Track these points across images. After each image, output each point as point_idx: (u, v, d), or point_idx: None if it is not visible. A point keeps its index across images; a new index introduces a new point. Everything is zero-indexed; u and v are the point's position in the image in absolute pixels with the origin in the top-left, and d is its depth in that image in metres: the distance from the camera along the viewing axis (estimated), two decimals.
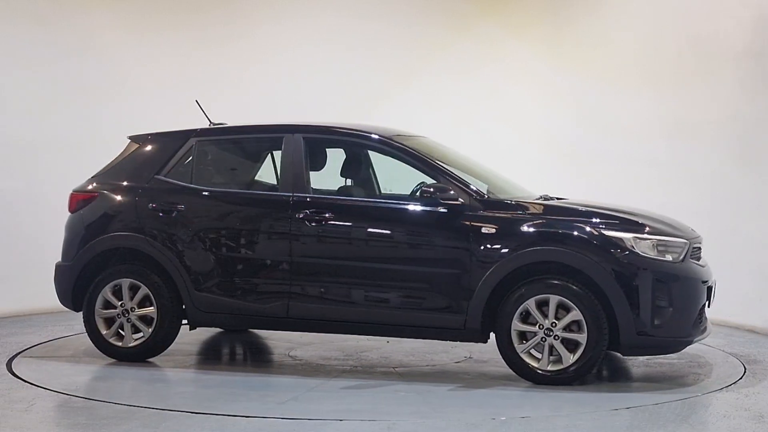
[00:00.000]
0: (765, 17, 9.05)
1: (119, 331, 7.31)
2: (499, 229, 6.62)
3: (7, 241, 9.69)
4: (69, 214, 7.66)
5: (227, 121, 7.85)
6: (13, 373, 6.91)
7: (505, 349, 6.61)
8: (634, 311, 6.41)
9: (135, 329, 7.26)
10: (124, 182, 7.46)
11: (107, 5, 10.39)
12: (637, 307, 6.41)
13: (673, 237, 6.66)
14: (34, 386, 6.50)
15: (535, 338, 6.54)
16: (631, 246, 6.47)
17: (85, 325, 7.40)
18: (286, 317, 6.99)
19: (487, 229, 6.62)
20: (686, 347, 6.75)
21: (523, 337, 6.58)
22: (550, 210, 6.76)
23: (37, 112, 9.88)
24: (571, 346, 6.49)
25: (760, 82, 9.07)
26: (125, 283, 7.26)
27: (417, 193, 6.87)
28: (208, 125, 7.68)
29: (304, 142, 7.13)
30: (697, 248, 6.85)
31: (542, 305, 6.54)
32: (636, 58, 10.17)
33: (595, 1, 10.79)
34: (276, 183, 7.45)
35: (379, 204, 7.10)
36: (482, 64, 11.34)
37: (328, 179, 7.40)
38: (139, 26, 10.50)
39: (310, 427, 5.56)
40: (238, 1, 11.03)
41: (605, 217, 6.65)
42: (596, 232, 6.52)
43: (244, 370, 7.44)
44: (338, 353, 7.74)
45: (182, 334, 7.56)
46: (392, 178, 7.11)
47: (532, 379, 6.57)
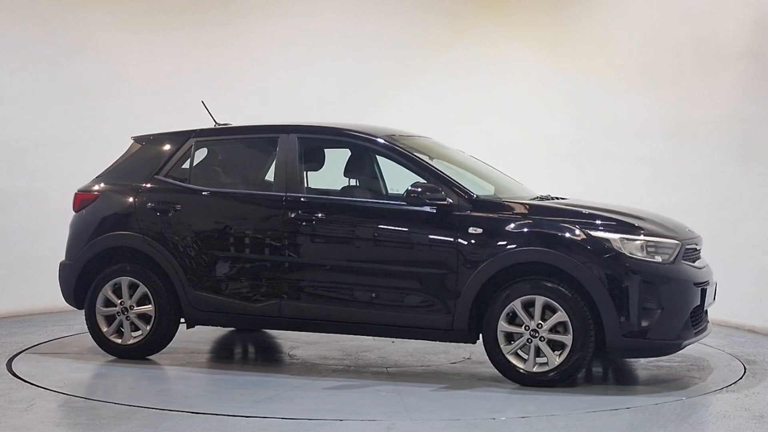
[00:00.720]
0: (765, 17, 9.05)
1: (120, 328, 7.40)
2: (485, 230, 6.58)
3: (7, 241, 9.68)
4: (73, 213, 7.76)
5: (231, 122, 7.88)
6: (13, 373, 6.91)
7: (492, 350, 6.57)
8: (619, 313, 6.32)
9: (134, 327, 7.36)
10: (125, 182, 7.54)
11: (107, 5, 10.39)
12: (624, 308, 6.32)
13: (664, 238, 6.56)
14: (34, 386, 6.50)
15: (521, 339, 6.49)
16: (618, 247, 6.38)
17: (86, 323, 7.49)
18: (279, 316, 7.03)
19: (474, 229, 6.59)
20: (678, 350, 6.65)
21: (511, 338, 6.53)
22: (539, 210, 6.69)
23: (38, 112, 9.88)
24: (558, 347, 6.43)
25: (760, 82, 9.07)
26: (125, 281, 7.36)
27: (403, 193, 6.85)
28: (214, 125, 7.74)
29: (299, 142, 7.18)
30: (691, 249, 6.76)
31: (529, 306, 6.48)
32: (636, 58, 10.17)
33: (595, 2, 10.79)
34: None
35: (369, 204, 7.07)
36: (482, 64, 11.34)
37: (335, 179, 7.40)
38: (139, 26, 10.50)
39: (310, 427, 5.56)
40: (238, 1, 11.03)
41: (594, 217, 6.58)
42: (582, 232, 6.44)
43: (239, 368, 7.43)
44: (338, 353, 7.74)
45: (190, 332, 7.65)
46: (401, 179, 7.06)
47: (518, 380, 6.51)
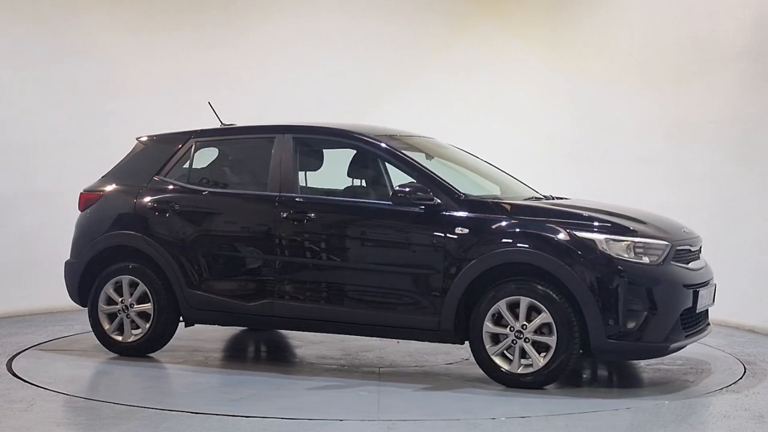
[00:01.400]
0: (765, 17, 9.05)
1: (121, 326, 7.51)
2: (472, 230, 6.56)
3: (7, 241, 9.68)
4: (76, 213, 7.87)
5: (234, 122, 7.91)
6: (13, 373, 6.91)
7: (477, 351, 6.54)
8: (603, 314, 6.23)
9: (134, 325, 7.47)
10: (127, 182, 7.65)
11: (108, 5, 10.39)
12: (608, 310, 6.23)
13: (652, 239, 6.47)
14: (34, 386, 6.50)
15: (506, 340, 6.44)
16: (603, 248, 6.30)
17: (89, 320, 7.61)
18: (271, 316, 7.07)
19: (460, 229, 6.57)
20: (666, 353, 6.58)
21: (497, 339, 6.48)
22: (525, 210, 6.63)
23: (37, 112, 9.87)
24: (543, 349, 6.37)
25: (760, 82, 9.08)
26: (125, 279, 7.48)
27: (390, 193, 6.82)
28: (220, 126, 7.81)
29: (294, 142, 7.20)
30: (684, 250, 6.66)
31: (514, 307, 6.43)
32: (636, 58, 10.18)
33: (595, 2, 10.79)
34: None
35: (359, 204, 7.08)
36: (482, 64, 11.35)
37: (340, 180, 7.41)
38: (139, 26, 10.50)
39: (310, 427, 5.56)
40: (239, 1, 11.03)
41: (581, 218, 6.51)
42: (567, 233, 6.37)
43: (231, 366, 7.40)
44: (338, 352, 7.75)
45: (195, 330, 7.75)
46: (407, 179, 7.02)
47: (503, 381, 6.46)
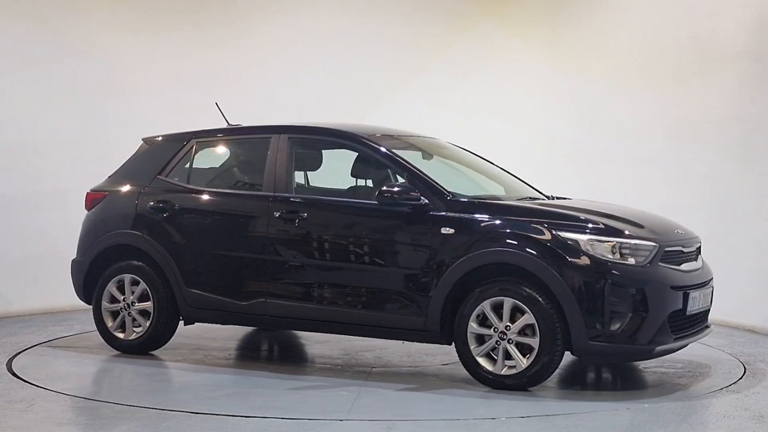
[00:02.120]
0: (765, 17, 9.05)
1: (124, 324, 7.63)
2: (457, 230, 6.53)
3: (7, 241, 9.68)
4: (75, 213, 8.04)
5: (240, 123, 7.94)
6: (13, 373, 6.91)
7: (462, 352, 6.50)
8: (585, 316, 6.15)
9: (136, 323, 7.56)
10: (130, 182, 7.76)
11: (108, 5, 10.38)
12: (590, 311, 6.16)
13: (639, 240, 6.37)
14: (34, 386, 6.51)
15: (490, 341, 6.40)
16: (586, 248, 6.23)
17: (93, 317, 7.71)
18: (264, 315, 7.10)
19: (446, 229, 6.55)
20: (652, 357, 6.51)
21: (482, 340, 6.44)
22: (511, 211, 6.58)
23: (37, 112, 9.87)
24: (527, 350, 6.30)
25: (760, 82, 9.08)
26: (127, 278, 7.60)
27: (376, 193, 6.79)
28: (226, 126, 7.87)
29: (289, 143, 7.25)
30: (675, 252, 6.58)
31: (499, 308, 6.38)
32: (636, 58, 10.18)
33: (595, 2, 10.79)
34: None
35: (350, 204, 7.10)
36: (482, 64, 11.34)
37: (344, 180, 7.42)
38: (139, 26, 10.49)
39: (310, 427, 5.56)
40: (239, 2, 11.03)
41: (567, 218, 6.45)
42: (550, 233, 6.33)
43: (228, 366, 7.39)
44: (338, 352, 7.76)
45: (199, 328, 7.84)
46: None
47: (487, 383, 6.42)
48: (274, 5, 11.10)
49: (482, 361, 6.42)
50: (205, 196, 7.44)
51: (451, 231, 6.53)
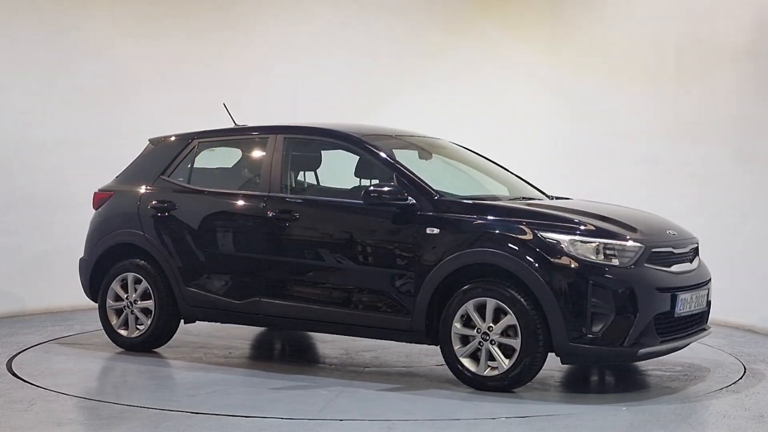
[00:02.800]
0: (765, 17, 9.05)
1: (127, 321, 7.76)
2: (442, 230, 6.51)
3: (7, 241, 9.67)
4: (81, 213, 8.25)
5: (245, 123, 7.95)
6: (13, 373, 6.91)
7: (446, 352, 6.48)
8: (566, 317, 6.09)
9: (139, 321, 7.68)
10: (135, 182, 7.87)
11: (108, 6, 10.38)
12: (571, 313, 6.10)
13: (623, 241, 6.29)
14: (34, 386, 6.51)
15: (473, 342, 6.38)
16: (569, 249, 6.17)
17: (99, 314, 7.85)
18: (258, 314, 7.16)
19: (431, 229, 6.53)
20: (636, 359, 6.48)
21: (466, 340, 6.41)
22: (496, 211, 6.54)
23: (37, 113, 9.86)
24: (510, 351, 6.26)
25: (760, 82, 9.08)
26: (130, 276, 7.73)
27: (362, 193, 6.78)
28: (232, 126, 7.92)
29: (285, 143, 7.29)
30: (664, 253, 6.51)
31: (484, 309, 6.35)
32: (636, 58, 10.18)
33: (595, 2, 10.79)
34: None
35: (341, 204, 7.10)
36: (482, 64, 11.35)
37: (348, 181, 7.43)
38: (139, 27, 10.49)
39: (310, 427, 5.57)
40: (240, 2, 11.03)
41: (551, 219, 6.40)
42: (533, 234, 6.28)
43: (224, 364, 7.37)
44: (339, 352, 7.77)
45: (203, 327, 7.94)
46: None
47: (470, 383, 6.39)
48: (275, 6, 11.10)
49: (466, 362, 6.39)
50: (204, 196, 7.50)
51: (436, 231, 6.52)
